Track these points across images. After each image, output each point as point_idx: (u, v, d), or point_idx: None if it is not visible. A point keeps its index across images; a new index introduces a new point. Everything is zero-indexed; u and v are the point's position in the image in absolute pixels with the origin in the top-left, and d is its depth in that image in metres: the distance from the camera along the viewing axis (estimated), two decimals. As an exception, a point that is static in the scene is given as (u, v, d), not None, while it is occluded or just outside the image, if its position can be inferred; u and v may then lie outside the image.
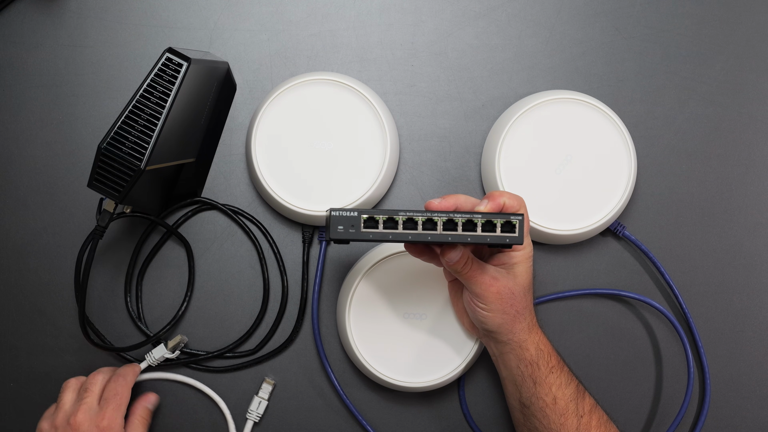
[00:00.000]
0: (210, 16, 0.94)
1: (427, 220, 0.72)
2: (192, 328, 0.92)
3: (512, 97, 0.93)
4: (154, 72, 0.78)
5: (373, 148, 0.88)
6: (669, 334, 0.92)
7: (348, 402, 0.90)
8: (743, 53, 0.94)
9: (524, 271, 0.78)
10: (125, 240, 0.92)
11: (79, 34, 0.93)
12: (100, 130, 0.91)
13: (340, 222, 0.71)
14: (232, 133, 0.93)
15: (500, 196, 0.75)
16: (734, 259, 0.92)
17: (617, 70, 0.94)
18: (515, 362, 0.80)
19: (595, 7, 0.94)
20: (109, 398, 0.82)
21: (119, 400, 0.83)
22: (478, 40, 0.94)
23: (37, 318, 0.91)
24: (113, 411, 0.82)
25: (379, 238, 0.71)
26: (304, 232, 0.91)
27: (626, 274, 0.92)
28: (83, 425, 0.81)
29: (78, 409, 0.81)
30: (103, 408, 0.82)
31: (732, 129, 0.94)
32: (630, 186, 0.88)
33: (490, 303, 0.77)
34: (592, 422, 0.80)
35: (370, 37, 0.94)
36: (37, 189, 0.92)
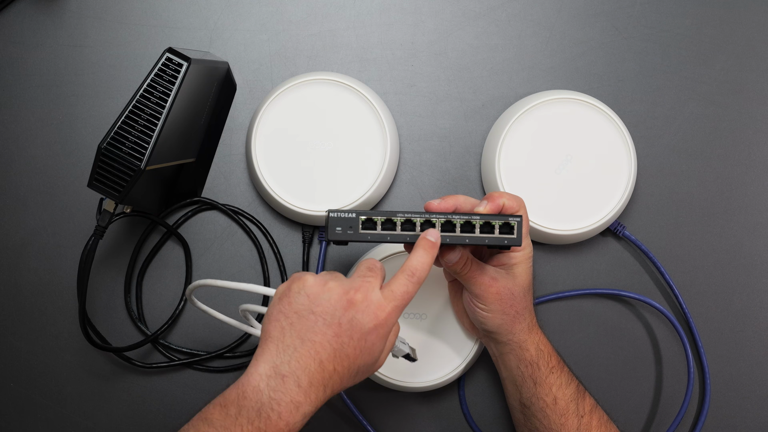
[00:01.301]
0: (210, 16, 0.94)
1: (425, 221, 0.72)
2: (192, 328, 0.92)
3: (512, 97, 0.93)
4: (154, 72, 0.78)
5: (373, 148, 0.88)
6: (669, 334, 0.92)
7: (348, 402, 0.90)
8: (743, 53, 0.94)
9: (524, 272, 0.78)
10: (125, 240, 0.92)
11: (79, 34, 0.93)
12: (100, 130, 0.91)
13: (338, 223, 0.71)
14: (232, 133, 0.93)
15: (499, 197, 0.75)
16: (734, 259, 0.92)
17: (617, 70, 0.94)
18: (515, 362, 0.80)
19: (595, 7, 0.94)
20: (396, 293, 0.68)
21: (405, 301, 0.69)
22: (478, 40, 0.94)
23: (37, 318, 0.91)
24: (395, 309, 0.68)
25: (377, 239, 0.72)
26: (304, 232, 0.91)
27: (626, 274, 0.92)
28: (360, 305, 0.67)
29: (359, 286, 0.68)
30: (387, 299, 0.68)
31: (732, 129, 0.94)
32: (630, 186, 0.88)
33: (490, 304, 0.77)
34: (592, 422, 0.80)
35: (370, 37, 0.94)
36: (37, 189, 0.92)
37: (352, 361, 0.67)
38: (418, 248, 0.70)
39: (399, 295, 0.68)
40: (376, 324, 0.67)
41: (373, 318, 0.67)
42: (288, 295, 0.68)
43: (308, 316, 0.66)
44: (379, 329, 0.67)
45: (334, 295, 0.67)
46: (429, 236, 0.71)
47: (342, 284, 0.68)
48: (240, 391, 0.65)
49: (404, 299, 0.69)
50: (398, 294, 0.68)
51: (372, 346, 0.67)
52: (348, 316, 0.66)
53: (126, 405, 0.91)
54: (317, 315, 0.66)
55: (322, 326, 0.66)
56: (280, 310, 0.68)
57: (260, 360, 0.66)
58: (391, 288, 0.69)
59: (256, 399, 0.64)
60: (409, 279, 0.69)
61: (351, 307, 0.67)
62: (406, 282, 0.69)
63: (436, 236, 0.71)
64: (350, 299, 0.67)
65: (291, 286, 0.69)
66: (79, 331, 0.89)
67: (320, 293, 0.67)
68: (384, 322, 0.67)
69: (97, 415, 0.91)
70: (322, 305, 0.67)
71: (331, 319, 0.66)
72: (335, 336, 0.66)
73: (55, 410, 0.91)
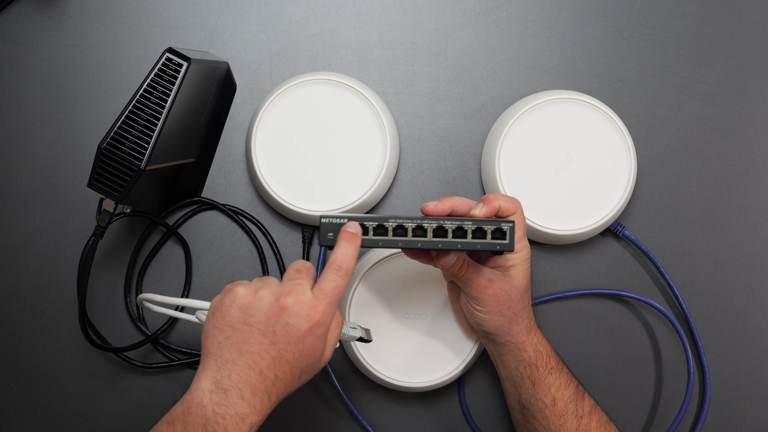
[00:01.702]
0: (210, 16, 0.94)
1: (417, 226, 0.72)
2: (192, 328, 0.92)
3: (512, 97, 0.93)
4: (154, 72, 0.78)
5: (373, 148, 0.88)
6: (669, 334, 0.92)
7: (348, 402, 0.90)
8: (743, 53, 0.94)
9: (521, 273, 0.78)
10: (125, 240, 0.92)
11: (79, 34, 0.93)
12: (100, 130, 0.91)
13: (330, 229, 0.71)
14: (232, 133, 0.93)
15: (495, 199, 0.75)
16: (734, 259, 0.92)
17: (617, 70, 0.94)
18: (514, 363, 0.80)
19: (595, 7, 0.94)
20: (327, 290, 0.68)
21: (337, 296, 0.69)
22: (478, 40, 0.94)
23: (37, 318, 0.91)
24: (328, 306, 0.68)
25: (369, 244, 0.72)
26: (304, 232, 0.91)
27: (626, 274, 0.92)
28: (293, 309, 0.67)
29: (290, 290, 0.68)
30: (319, 299, 0.68)
31: (732, 129, 0.94)
32: (630, 186, 0.88)
33: (487, 305, 0.77)
34: (591, 423, 0.80)
35: (370, 37, 0.94)
36: (37, 189, 0.92)
37: (293, 365, 0.67)
38: (341, 241, 0.71)
39: (329, 291, 0.68)
40: (311, 325, 0.67)
41: (307, 320, 0.67)
42: (221, 309, 0.68)
43: (243, 328, 0.67)
44: (315, 330, 0.67)
45: (265, 304, 0.67)
46: (349, 228, 0.71)
47: (272, 291, 0.68)
48: (185, 407, 0.65)
49: (335, 294, 0.69)
50: (329, 291, 0.68)
51: (311, 347, 0.67)
52: (282, 322, 0.66)
53: (126, 405, 0.91)
54: (251, 326, 0.66)
55: (258, 336, 0.66)
56: (215, 325, 0.68)
57: (201, 376, 0.66)
58: (320, 286, 0.69)
59: (201, 414, 0.65)
60: (336, 273, 0.69)
61: (283, 312, 0.67)
62: (334, 277, 0.69)
63: (355, 228, 0.71)
64: (282, 305, 0.67)
65: (223, 300, 0.69)
66: (79, 331, 0.89)
67: (252, 303, 0.67)
68: (320, 322, 0.67)
69: (97, 415, 0.91)
70: (255, 315, 0.67)
71: (265, 327, 0.66)
72: (272, 344, 0.66)
73: (55, 410, 0.91)
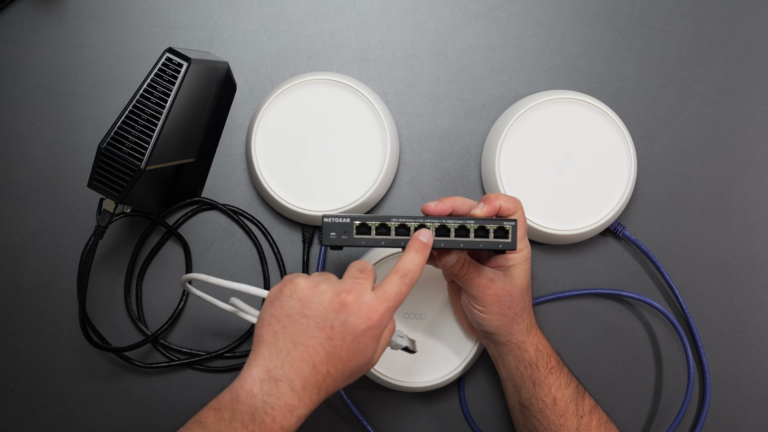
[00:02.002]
0: (210, 16, 0.94)
1: (419, 225, 0.72)
2: (192, 328, 0.92)
3: (512, 97, 0.93)
4: (154, 72, 0.78)
5: (373, 148, 0.88)
6: (669, 334, 0.92)
7: (348, 402, 0.90)
8: (743, 53, 0.94)
9: (521, 273, 0.78)
10: (125, 240, 0.92)
11: (79, 34, 0.93)
12: (100, 130, 0.91)
13: (332, 228, 0.71)
14: (232, 133, 0.93)
15: (496, 198, 0.75)
16: (734, 259, 0.92)
17: (617, 70, 0.94)
18: (514, 363, 0.80)
19: (595, 7, 0.94)
20: (389, 294, 0.68)
21: (398, 302, 0.68)
22: (478, 40, 0.94)
23: (37, 318, 0.91)
24: (387, 310, 0.68)
25: (371, 243, 0.72)
26: (304, 232, 0.91)
27: (626, 274, 0.92)
28: (352, 307, 0.66)
29: (351, 288, 0.67)
30: (380, 300, 0.67)
31: (732, 129, 0.94)
32: (630, 186, 0.88)
33: (488, 305, 0.77)
34: (592, 423, 0.80)
35: (370, 37, 0.94)
36: (37, 189, 0.92)
37: (346, 363, 0.67)
38: (410, 249, 0.70)
39: (392, 296, 0.68)
40: (369, 326, 0.67)
41: (365, 320, 0.67)
42: (280, 299, 0.68)
43: (300, 319, 0.66)
44: (371, 331, 0.67)
45: (325, 298, 0.67)
46: (421, 237, 0.71)
47: (333, 286, 0.68)
48: (234, 395, 0.65)
49: (397, 300, 0.68)
50: (391, 295, 0.68)
51: (365, 347, 0.67)
52: (340, 318, 0.66)
53: (126, 405, 0.91)
54: (309, 318, 0.66)
55: (315, 329, 0.66)
56: (272, 313, 0.67)
57: (253, 364, 0.66)
58: (383, 289, 0.68)
59: (250, 403, 0.64)
60: (401, 280, 0.69)
61: (343, 309, 0.66)
62: (398, 283, 0.69)
63: (428, 236, 0.71)
64: (342, 301, 0.67)
65: (283, 289, 0.68)
66: (79, 331, 0.89)
67: (312, 296, 0.67)
68: (377, 324, 0.67)
69: (97, 415, 0.91)
70: (314, 308, 0.67)
71: (323, 322, 0.66)
72: (328, 339, 0.66)
73: (55, 410, 0.91)
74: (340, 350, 0.66)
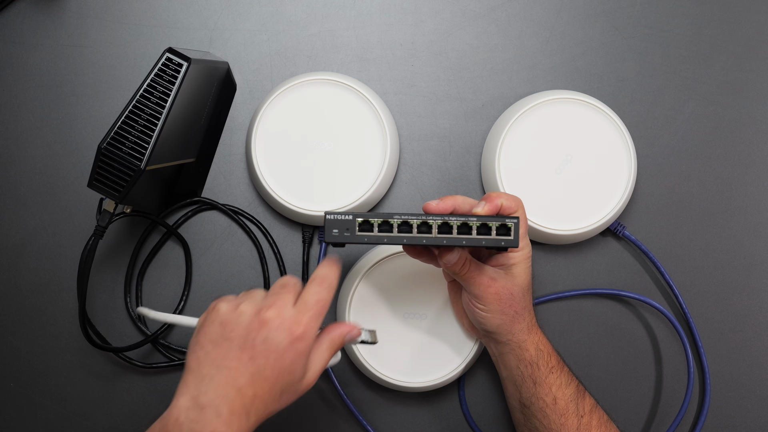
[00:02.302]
0: (210, 16, 0.94)
1: (422, 223, 0.72)
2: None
3: (512, 97, 0.93)
4: (154, 72, 0.78)
5: (373, 148, 0.88)
6: (669, 334, 0.92)
7: (348, 402, 0.90)
8: (743, 53, 0.94)
9: (523, 272, 0.78)
10: (125, 240, 0.92)
11: (79, 34, 0.93)
12: (100, 130, 0.91)
13: (335, 225, 0.71)
14: (232, 133, 0.93)
15: (497, 197, 0.75)
16: (734, 259, 0.92)
17: (617, 70, 0.94)
18: (515, 362, 0.80)
19: (595, 7, 0.94)
20: (309, 303, 0.67)
21: (320, 310, 0.67)
22: (478, 40, 0.94)
23: (37, 318, 0.91)
24: (311, 320, 0.67)
25: (374, 241, 0.72)
26: (304, 232, 0.91)
27: (626, 274, 0.92)
28: (273, 323, 0.65)
29: (272, 304, 0.67)
30: (301, 312, 0.67)
31: (732, 129, 0.94)
32: (630, 186, 0.88)
33: (489, 304, 0.77)
34: (592, 422, 0.80)
35: (370, 37, 0.94)
36: (37, 189, 0.92)
37: (273, 383, 0.65)
38: (323, 262, 0.71)
39: (312, 304, 0.67)
40: (292, 339, 0.66)
41: (288, 334, 0.65)
42: (204, 326, 0.67)
43: (222, 343, 0.65)
44: (296, 344, 0.66)
45: (245, 318, 0.66)
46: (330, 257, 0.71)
47: (254, 305, 0.67)
48: (162, 425, 0.64)
49: (318, 307, 0.67)
50: (311, 303, 0.67)
51: (291, 364, 0.66)
52: (261, 336, 0.65)
53: (126, 405, 0.91)
54: (231, 340, 0.65)
55: (237, 351, 0.65)
56: (197, 341, 0.67)
57: (180, 393, 0.65)
58: (303, 300, 0.67)
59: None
60: (319, 285, 0.68)
61: (264, 326, 0.65)
62: (317, 289, 0.68)
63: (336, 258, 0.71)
64: (262, 319, 0.66)
65: (207, 317, 0.68)
66: (79, 331, 0.89)
67: (233, 318, 0.66)
68: (301, 336, 0.66)
69: (97, 415, 0.91)
70: (235, 330, 0.66)
71: (245, 342, 0.65)
72: (251, 359, 0.65)
73: (55, 410, 0.91)
74: (264, 369, 0.65)
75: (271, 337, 0.65)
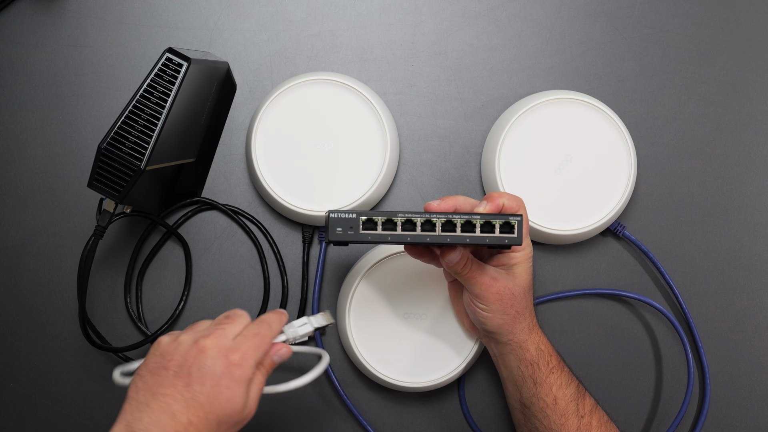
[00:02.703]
0: (210, 16, 0.94)
1: (425, 221, 0.72)
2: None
3: (512, 97, 0.93)
4: (154, 72, 0.78)
5: (373, 148, 0.88)
6: (669, 334, 0.92)
7: (348, 402, 0.90)
8: (743, 53, 0.94)
9: (524, 272, 0.78)
10: (125, 240, 0.92)
11: (79, 34, 0.93)
12: (100, 130, 0.91)
13: (338, 224, 0.71)
14: (232, 133, 0.93)
15: (499, 197, 0.75)
16: (734, 259, 0.92)
17: (617, 70, 0.94)
18: (515, 363, 0.80)
19: (595, 7, 0.94)
20: (248, 336, 0.69)
21: (258, 342, 0.69)
22: (478, 40, 0.94)
23: (37, 318, 0.91)
24: (249, 349, 0.68)
25: (377, 239, 0.71)
26: (304, 232, 0.91)
27: (626, 274, 0.92)
28: (211, 351, 0.67)
29: (211, 333, 0.68)
30: (239, 342, 0.68)
31: (732, 129, 0.94)
32: (630, 186, 0.88)
33: (490, 304, 0.77)
34: (592, 422, 0.80)
35: (370, 37, 0.94)
36: (37, 189, 0.92)
37: (209, 411, 0.65)
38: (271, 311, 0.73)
39: (251, 335, 0.69)
40: (228, 365, 0.66)
41: (224, 361, 0.66)
42: (146, 359, 0.69)
43: (160, 371, 0.67)
44: (233, 371, 0.66)
45: (183, 347, 0.68)
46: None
47: (193, 334, 0.69)
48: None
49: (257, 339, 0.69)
50: (250, 335, 0.69)
51: (228, 392, 0.66)
52: (198, 363, 0.66)
53: (126, 405, 0.91)
54: (168, 369, 0.67)
55: (173, 378, 0.66)
56: (138, 373, 0.68)
57: (117, 421, 0.66)
58: (243, 333, 0.69)
59: None
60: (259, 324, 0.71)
61: (201, 354, 0.67)
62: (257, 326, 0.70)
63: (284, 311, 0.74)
64: (200, 347, 0.67)
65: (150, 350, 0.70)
66: (79, 331, 0.89)
67: (172, 348, 0.68)
68: (239, 363, 0.67)
69: (97, 415, 0.91)
70: (173, 359, 0.67)
71: (180, 369, 0.66)
72: (186, 386, 0.66)
73: (55, 410, 0.91)
74: (199, 396, 0.65)
75: (207, 365, 0.66)
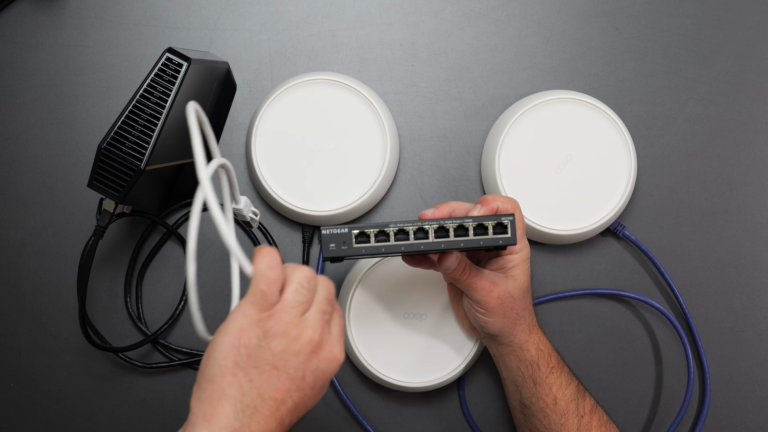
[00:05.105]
0: (210, 16, 0.94)
1: (418, 229, 0.72)
2: (192, 328, 0.91)
3: (512, 97, 0.93)
4: (154, 72, 0.78)
5: (373, 148, 0.88)
6: (669, 334, 0.92)
7: (348, 402, 0.90)
8: (743, 53, 0.94)
9: (522, 273, 0.78)
10: (125, 240, 0.92)
11: (79, 34, 0.93)
12: (100, 130, 0.91)
13: (331, 240, 0.71)
14: (232, 133, 0.93)
15: (493, 200, 0.75)
16: (734, 259, 0.92)
17: (617, 70, 0.94)
18: (516, 363, 0.80)
19: (595, 7, 0.94)
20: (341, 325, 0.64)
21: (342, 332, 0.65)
22: (478, 40, 0.94)
23: (37, 318, 0.91)
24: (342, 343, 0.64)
25: (372, 252, 0.71)
26: (304, 232, 0.91)
27: (626, 274, 0.92)
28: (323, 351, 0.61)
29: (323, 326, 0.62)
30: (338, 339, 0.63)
31: (732, 129, 0.94)
32: (630, 186, 0.88)
33: (491, 308, 0.77)
34: (592, 422, 0.80)
35: (370, 37, 0.94)
36: (37, 189, 0.92)
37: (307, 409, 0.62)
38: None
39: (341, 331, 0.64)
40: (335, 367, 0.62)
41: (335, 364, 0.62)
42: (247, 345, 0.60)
43: (270, 371, 0.59)
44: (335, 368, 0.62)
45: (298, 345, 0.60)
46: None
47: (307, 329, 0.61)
48: None
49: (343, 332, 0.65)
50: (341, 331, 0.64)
51: (324, 388, 0.63)
52: (312, 366, 0.61)
53: (126, 405, 0.91)
54: (280, 370, 0.60)
55: (285, 381, 0.60)
56: (236, 362, 0.59)
57: (214, 423, 0.58)
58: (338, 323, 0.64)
59: None
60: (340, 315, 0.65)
61: (314, 355, 0.61)
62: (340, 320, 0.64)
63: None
64: (314, 347, 0.61)
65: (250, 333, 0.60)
66: (79, 331, 0.89)
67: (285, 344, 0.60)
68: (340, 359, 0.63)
69: (97, 415, 0.91)
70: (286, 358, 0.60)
71: (295, 372, 0.60)
72: (298, 390, 0.60)
73: (55, 410, 0.91)
74: (307, 399, 0.61)
75: (321, 368, 0.61)
